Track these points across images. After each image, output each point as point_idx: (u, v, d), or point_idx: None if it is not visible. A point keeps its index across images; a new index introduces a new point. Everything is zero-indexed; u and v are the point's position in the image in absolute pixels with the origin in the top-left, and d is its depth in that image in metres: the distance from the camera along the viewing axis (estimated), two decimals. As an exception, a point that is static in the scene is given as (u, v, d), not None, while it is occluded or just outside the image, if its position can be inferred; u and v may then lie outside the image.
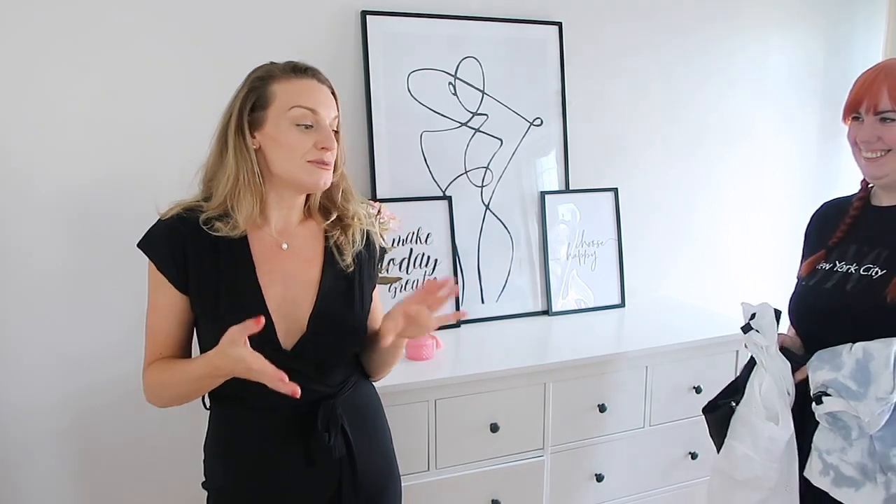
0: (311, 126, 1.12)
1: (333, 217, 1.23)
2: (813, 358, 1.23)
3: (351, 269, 1.21)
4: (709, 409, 1.40)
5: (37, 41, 1.61)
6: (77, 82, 1.66)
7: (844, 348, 1.18)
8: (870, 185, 1.32)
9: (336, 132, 1.16)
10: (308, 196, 1.22)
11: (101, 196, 1.71)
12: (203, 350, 1.14)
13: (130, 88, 1.70)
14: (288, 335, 1.15)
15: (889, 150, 1.20)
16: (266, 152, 1.13)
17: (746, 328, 1.29)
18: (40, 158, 1.65)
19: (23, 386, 1.70)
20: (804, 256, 1.41)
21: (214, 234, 1.12)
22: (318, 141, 1.12)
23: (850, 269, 1.25)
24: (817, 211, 1.46)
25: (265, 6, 1.80)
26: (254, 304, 1.11)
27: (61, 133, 1.66)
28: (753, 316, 1.29)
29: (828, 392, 1.18)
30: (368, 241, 1.27)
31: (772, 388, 1.24)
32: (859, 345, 1.16)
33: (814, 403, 1.20)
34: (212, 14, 1.75)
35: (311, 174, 1.13)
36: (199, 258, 1.12)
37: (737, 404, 1.33)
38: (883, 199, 1.30)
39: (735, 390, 1.36)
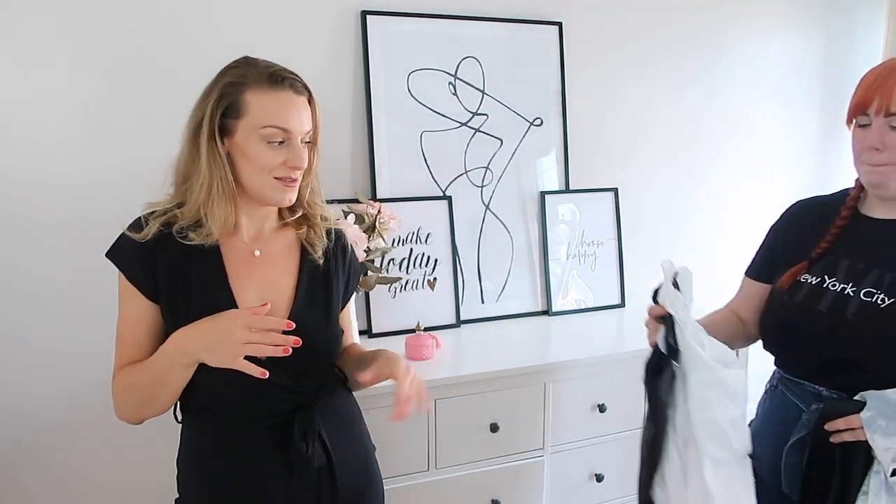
0: (283, 142, 1.08)
1: (299, 214, 1.19)
2: (872, 416, 1.03)
3: (321, 261, 1.18)
4: (657, 373, 1.18)
5: (34, 40, 1.62)
6: (75, 82, 1.66)
7: None
8: (861, 192, 1.21)
9: (312, 143, 1.13)
10: None
11: (100, 198, 1.70)
12: None
13: (130, 89, 1.70)
14: None
15: None
16: (235, 160, 1.09)
17: (675, 285, 1.20)
18: (39, 159, 1.65)
19: (19, 385, 1.70)
20: (774, 260, 1.29)
21: (188, 243, 1.08)
22: (289, 159, 1.08)
23: (845, 289, 1.13)
24: (792, 209, 1.33)
25: (265, 6, 1.80)
26: None
27: (59, 134, 1.66)
28: (675, 275, 1.19)
29: None
30: (343, 247, 1.25)
31: (712, 340, 1.14)
32: None
33: (891, 475, 1.02)
34: (212, 14, 1.75)
35: (275, 191, 1.10)
36: (169, 267, 1.08)
37: (676, 366, 1.16)
38: (875, 210, 1.18)
39: (672, 353, 1.18)
